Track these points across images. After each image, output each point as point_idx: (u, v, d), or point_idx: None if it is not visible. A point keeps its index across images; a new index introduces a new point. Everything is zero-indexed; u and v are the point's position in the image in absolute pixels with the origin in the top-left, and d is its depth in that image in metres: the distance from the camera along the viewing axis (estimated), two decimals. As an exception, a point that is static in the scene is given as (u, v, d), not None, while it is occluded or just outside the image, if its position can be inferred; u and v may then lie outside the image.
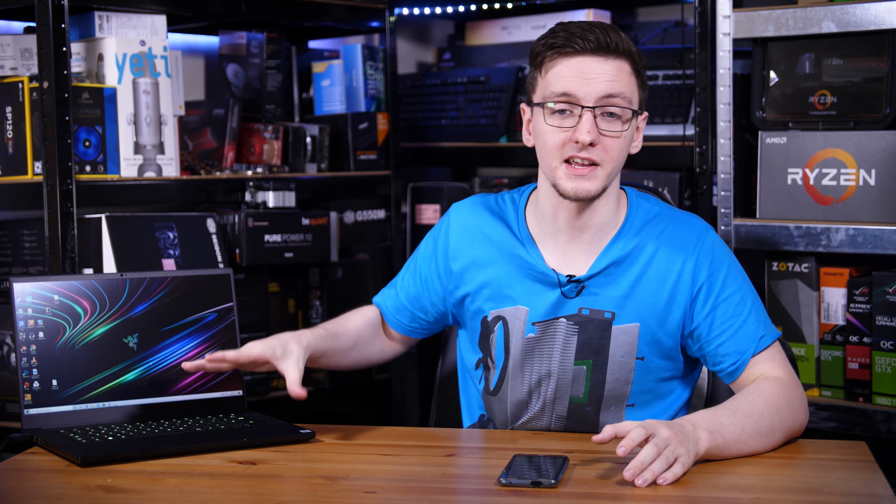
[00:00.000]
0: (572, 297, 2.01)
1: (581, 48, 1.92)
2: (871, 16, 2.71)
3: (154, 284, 2.10)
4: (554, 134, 1.94)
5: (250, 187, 3.11)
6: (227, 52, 3.40)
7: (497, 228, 2.09)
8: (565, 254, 2.03)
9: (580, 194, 1.94)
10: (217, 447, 1.92)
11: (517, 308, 2.05)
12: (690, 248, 2.01)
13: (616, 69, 1.93)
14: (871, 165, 2.76)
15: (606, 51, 1.92)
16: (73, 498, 1.69)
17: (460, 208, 2.15)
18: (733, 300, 1.99)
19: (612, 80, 1.92)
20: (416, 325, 2.21)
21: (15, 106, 2.79)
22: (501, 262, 2.07)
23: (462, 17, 3.89)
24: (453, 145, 3.64)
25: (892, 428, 2.73)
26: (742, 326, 1.98)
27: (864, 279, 2.78)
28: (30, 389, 1.99)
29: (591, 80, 1.91)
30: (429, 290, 2.17)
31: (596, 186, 1.94)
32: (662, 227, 2.03)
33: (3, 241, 2.92)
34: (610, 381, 2.01)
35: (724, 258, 2.02)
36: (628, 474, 1.69)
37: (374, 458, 1.90)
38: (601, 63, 1.92)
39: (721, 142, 2.95)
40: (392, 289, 2.23)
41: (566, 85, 1.92)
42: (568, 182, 1.94)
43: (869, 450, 1.87)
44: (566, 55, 1.93)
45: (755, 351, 1.97)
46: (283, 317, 3.25)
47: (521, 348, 2.05)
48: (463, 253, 2.11)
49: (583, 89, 1.91)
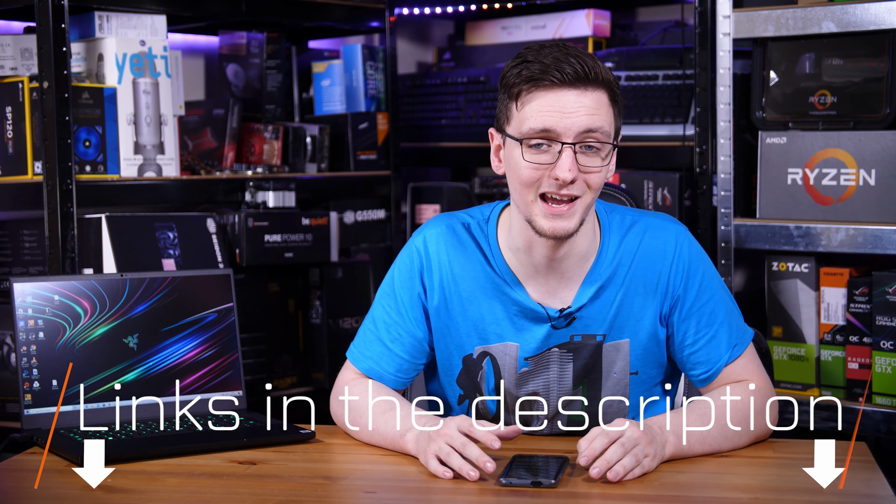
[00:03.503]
0: (562, 327, 1.97)
1: (559, 80, 1.83)
2: (871, 16, 2.71)
3: (154, 284, 2.10)
4: (531, 170, 1.85)
5: (250, 187, 3.11)
6: (227, 52, 3.40)
7: (474, 263, 1.99)
8: (546, 284, 1.97)
9: (557, 233, 1.87)
10: (217, 447, 1.92)
11: (506, 345, 1.99)
12: (668, 258, 1.97)
13: (595, 102, 1.84)
14: (871, 165, 2.76)
15: (585, 82, 1.83)
16: (73, 498, 1.69)
17: (433, 239, 2.02)
18: (707, 310, 1.97)
19: (591, 115, 1.84)
20: (414, 373, 2.06)
21: (15, 106, 2.79)
22: (484, 299, 1.99)
23: (462, 17, 3.89)
24: (453, 145, 3.64)
25: (892, 428, 2.73)
26: (715, 336, 1.97)
27: (864, 279, 2.78)
28: (30, 389, 1.99)
29: (570, 114, 1.83)
30: (424, 328, 2.03)
31: (573, 224, 1.87)
32: (639, 238, 1.98)
33: (3, 241, 2.92)
34: (606, 397, 2.00)
35: (699, 265, 1.99)
36: (594, 472, 1.70)
37: (374, 458, 1.90)
38: (579, 96, 1.83)
39: (721, 142, 2.95)
40: (380, 348, 2.02)
41: (546, 120, 1.83)
42: (545, 221, 1.86)
43: (869, 450, 1.87)
44: (543, 88, 1.84)
45: (728, 361, 1.96)
46: (283, 317, 3.25)
47: (515, 382, 2.01)
48: (440, 288, 2.01)
49: (562, 124, 1.83)
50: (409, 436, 1.84)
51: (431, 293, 2.01)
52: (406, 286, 2.02)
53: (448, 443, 1.74)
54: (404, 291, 2.02)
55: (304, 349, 3.30)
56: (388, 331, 2.02)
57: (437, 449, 1.75)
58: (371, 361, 2.02)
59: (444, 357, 2.03)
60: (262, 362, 3.14)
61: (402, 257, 2.04)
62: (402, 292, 2.02)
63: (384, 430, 1.89)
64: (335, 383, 2.06)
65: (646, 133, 3.20)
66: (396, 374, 2.02)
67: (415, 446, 1.82)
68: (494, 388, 2.01)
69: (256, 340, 3.13)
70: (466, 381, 2.03)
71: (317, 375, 3.29)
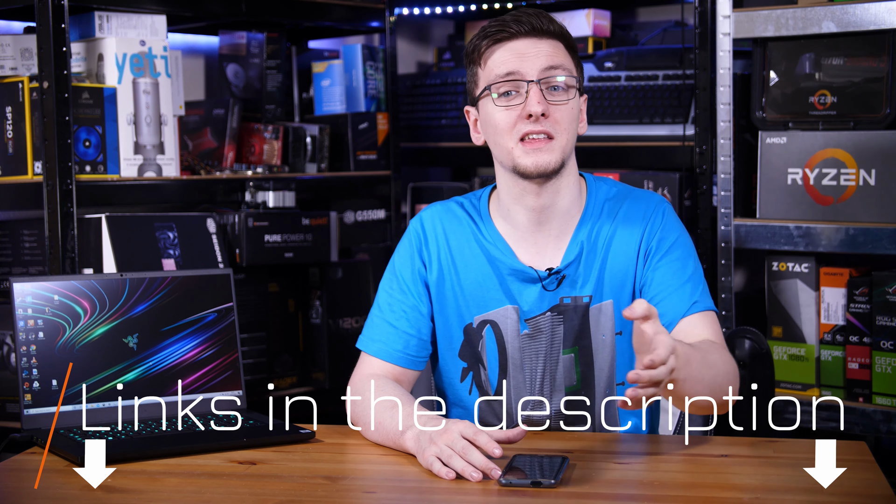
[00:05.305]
0: (552, 289, 2.03)
1: (516, 31, 1.98)
2: (871, 16, 2.71)
3: (154, 284, 2.10)
4: (504, 113, 1.97)
5: (250, 187, 3.11)
6: (227, 52, 3.40)
7: (467, 234, 2.08)
8: (535, 244, 2.04)
9: (540, 167, 1.96)
10: (217, 447, 1.91)
11: (506, 308, 2.05)
12: (646, 218, 2.04)
13: (552, 47, 1.99)
14: (871, 165, 2.76)
15: (540, 33, 1.98)
16: (73, 498, 1.69)
17: (428, 218, 2.12)
18: (675, 265, 2.02)
19: (551, 55, 1.98)
20: (424, 351, 2.09)
21: (15, 106, 2.80)
22: (478, 266, 2.06)
23: (462, 17, 3.89)
24: (453, 145, 3.64)
25: (892, 428, 2.73)
26: (679, 289, 1.99)
27: (864, 279, 2.78)
28: (30, 389, 1.99)
29: (530, 57, 1.97)
30: (427, 303, 2.09)
31: (554, 158, 1.96)
32: (620, 205, 2.06)
33: (3, 241, 2.92)
34: (598, 363, 2.03)
35: (674, 228, 2.05)
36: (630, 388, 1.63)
37: (374, 458, 1.90)
38: (537, 43, 1.98)
39: (721, 142, 2.95)
40: (386, 328, 2.07)
41: (509, 65, 1.97)
42: (527, 158, 1.96)
43: (869, 450, 1.87)
44: (502, 41, 1.98)
45: (686, 312, 1.98)
46: (283, 317, 3.25)
47: (519, 346, 2.05)
48: (437, 261, 2.09)
49: (525, 66, 1.96)
50: (410, 434, 1.84)
51: (430, 267, 2.09)
52: (407, 265, 2.10)
53: (450, 445, 1.75)
54: (405, 270, 2.10)
55: (304, 349, 3.30)
56: (392, 310, 2.08)
57: (439, 451, 1.75)
58: (380, 343, 2.07)
59: (446, 330, 2.08)
60: (262, 362, 3.15)
61: (402, 241, 2.13)
62: (404, 271, 2.10)
63: (386, 428, 1.90)
64: (350, 380, 2.08)
65: (646, 133, 3.21)
66: (405, 352, 2.06)
67: (415, 445, 1.82)
68: (498, 357, 2.05)
69: (256, 340, 3.13)
70: (468, 353, 2.07)
71: (317, 375, 3.29)
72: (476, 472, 1.71)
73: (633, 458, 1.87)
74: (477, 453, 1.73)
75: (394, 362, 2.06)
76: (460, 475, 1.72)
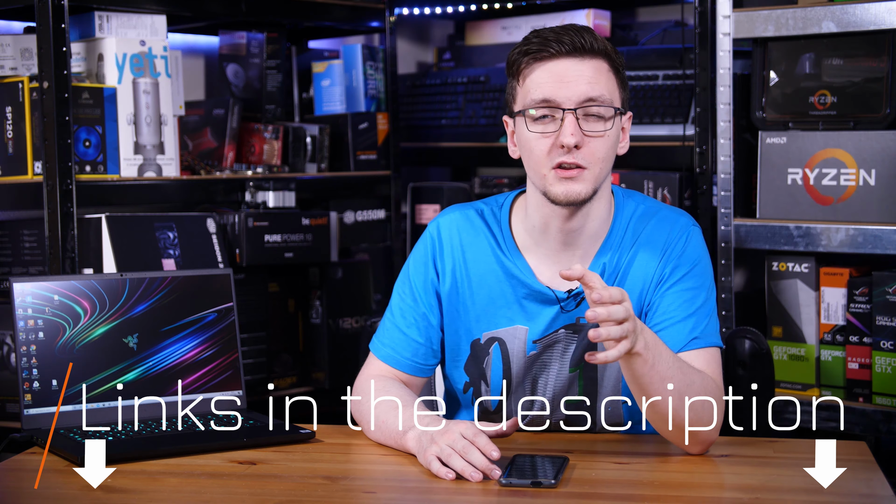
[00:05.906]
0: (571, 309, 1.99)
1: (556, 51, 1.89)
2: (871, 16, 2.71)
3: (154, 284, 2.10)
4: (538, 141, 1.91)
5: (250, 187, 3.11)
6: (227, 52, 3.39)
7: (484, 247, 2.03)
8: (557, 263, 1.99)
9: (570, 197, 1.90)
10: (217, 447, 1.92)
11: (515, 328, 2.01)
12: (668, 244, 1.99)
13: (594, 70, 1.90)
14: (871, 165, 2.76)
15: (582, 52, 1.90)
16: (73, 498, 1.69)
17: (446, 226, 2.07)
18: (684, 295, 1.96)
19: (591, 83, 1.89)
20: (433, 360, 2.09)
21: (15, 106, 2.80)
22: (494, 283, 2.02)
23: (462, 17, 3.89)
24: (453, 145, 3.64)
25: (892, 428, 2.73)
26: (682, 321, 1.95)
27: (864, 279, 2.78)
28: (30, 389, 1.99)
29: (569, 83, 1.89)
30: (437, 314, 2.07)
31: (586, 189, 1.91)
32: (644, 225, 2.01)
33: (3, 241, 2.92)
34: (603, 379, 2.01)
35: (693, 257, 1.99)
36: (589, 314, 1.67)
37: (374, 458, 1.90)
38: (578, 65, 1.90)
39: (721, 142, 2.95)
40: (397, 334, 2.06)
41: (545, 90, 1.90)
42: (558, 186, 1.90)
43: (869, 450, 1.87)
44: (542, 60, 1.91)
45: (684, 347, 1.93)
46: (283, 317, 3.25)
47: (523, 366, 2.03)
48: (452, 272, 2.05)
49: (562, 93, 1.89)
50: (411, 434, 1.84)
51: (443, 278, 2.05)
52: (420, 273, 2.07)
53: (450, 445, 1.75)
54: (418, 278, 2.07)
55: (304, 349, 3.30)
56: (404, 317, 2.06)
57: (439, 451, 1.75)
58: (389, 349, 2.06)
59: (453, 342, 2.06)
60: (262, 362, 3.15)
61: (418, 246, 2.10)
62: (417, 279, 2.07)
63: (387, 428, 1.90)
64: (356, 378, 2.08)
65: (646, 133, 3.20)
66: (413, 360, 2.05)
67: (415, 444, 1.82)
68: (502, 375, 2.03)
69: (256, 340, 3.13)
70: (473, 368, 2.05)
71: (317, 375, 3.29)
72: (476, 472, 1.71)
73: (633, 458, 1.87)
74: (477, 453, 1.73)
75: (401, 369, 2.05)
76: (460, 475, 1.72)
